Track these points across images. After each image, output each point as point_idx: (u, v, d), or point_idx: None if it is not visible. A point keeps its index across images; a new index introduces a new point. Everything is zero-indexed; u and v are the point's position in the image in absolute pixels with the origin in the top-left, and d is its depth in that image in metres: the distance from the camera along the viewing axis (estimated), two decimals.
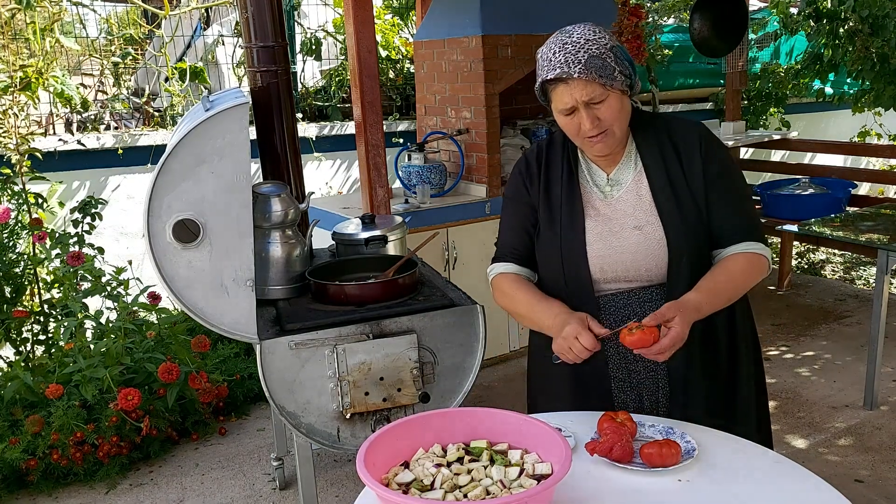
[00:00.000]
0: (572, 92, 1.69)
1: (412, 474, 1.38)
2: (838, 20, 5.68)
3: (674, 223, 1.76)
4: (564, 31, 1.76)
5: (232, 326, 2.26)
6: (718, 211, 1.78)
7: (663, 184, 1.78)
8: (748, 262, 1.76)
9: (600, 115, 1.70)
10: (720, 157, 1.81)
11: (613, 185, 1.83)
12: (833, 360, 4.34)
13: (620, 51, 1.73)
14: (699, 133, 1.82)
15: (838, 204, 5.47)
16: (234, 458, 3.57)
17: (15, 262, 3.92)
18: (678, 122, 1.85)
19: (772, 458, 1.55)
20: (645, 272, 1.78)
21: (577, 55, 1.67)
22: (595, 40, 1.70)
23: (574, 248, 1.81)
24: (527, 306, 1.86)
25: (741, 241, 1.78)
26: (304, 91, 6.37)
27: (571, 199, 1.84)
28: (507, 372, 4.34)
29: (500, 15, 4.16)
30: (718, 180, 1.79)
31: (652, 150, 1.81)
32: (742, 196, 1.83)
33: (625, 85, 1.71)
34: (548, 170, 1.90)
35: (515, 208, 1.94)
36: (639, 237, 1.77)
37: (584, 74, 1.66)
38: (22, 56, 4.66)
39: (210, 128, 2.15)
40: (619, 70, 1.69)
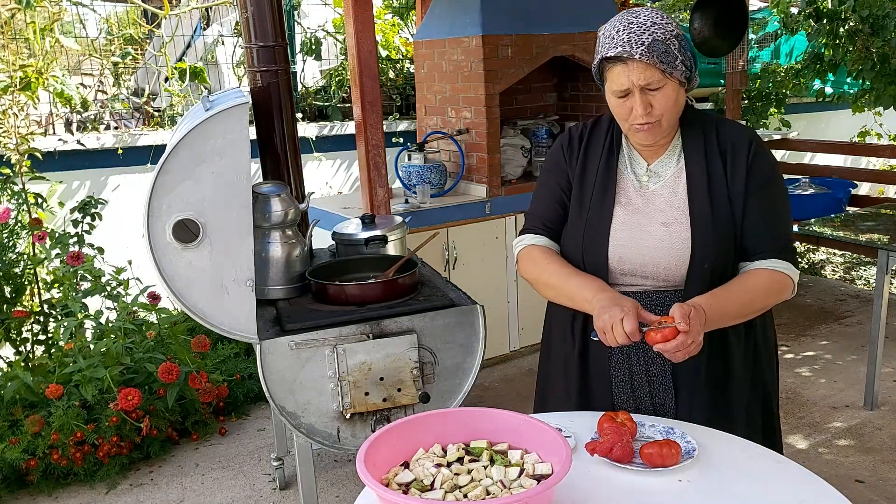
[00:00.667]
0: (630, 73, 1.63)
1: (412, 474, 1.38)
2: (838, 20, 5.68)
3: (703, 226, 1.71)
4: (631, 12, 1.69)
5: (232, 326, 2.26)
6: (753, 223, 1.72)
7: (701, 184, 1.73)
8: (771, 281, 1.71)
9: (654, 103, 1.66)
10: (767, 168, 1.75)
11: (651, 176, 1.79)
12: (833, 361, 4.34)
13: (685, 40, 1.68)
14: (750, 138, 1.76)
15: (838, 204, 5.47)
16: (235, 459, 3.57)
17: (15, 262, 3.91)
18: (730, 125, 1.80)
19: (772, 458, 1.55)
20: (663, 270, 1.74)
21: (642, 36, 1.62)
22: (661, 24, 1.64)
23: (598, 232, 1.78)
24: (561, 277, 1.79)
25: (769, 257, 1.72)
26: (304, 91, 6.37)
27: (605, 183, 1.80)
28: (507, 372, 4.34)
29: (500, 15, 4.16)
30: (760, 191, 1.73)
31: (697, 149, 1.76)
32: (780, 212, 1.76)
33: (684, 76, 1.66)
34: (588, 148, 1.86)
35: (551, 181, 1.90)
36: (664, 234, 1.73)
37: (646, 57, 1.60)
38: (22, 56, 4.66)
39: (210, 128, 2.14)
40: (681, 59, 1.65)
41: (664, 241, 1.73)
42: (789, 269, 1.72)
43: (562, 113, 5.07)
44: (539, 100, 5.01)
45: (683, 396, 1.78)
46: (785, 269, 1.71)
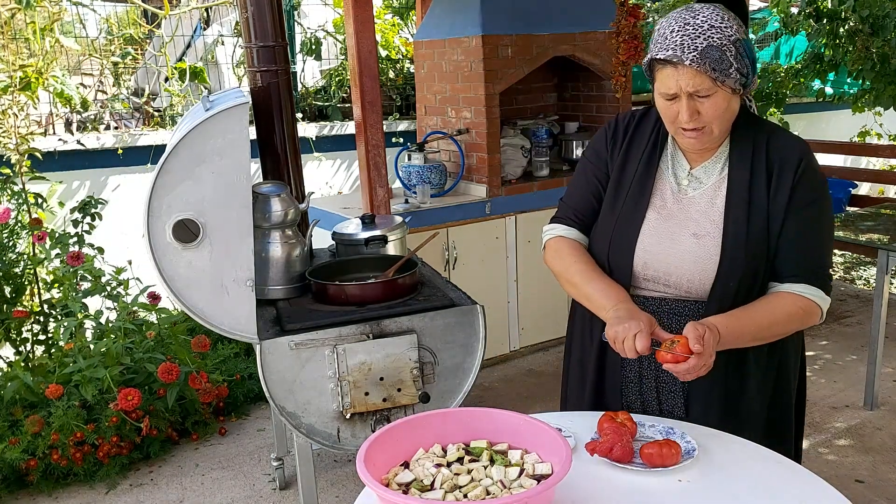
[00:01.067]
0: (679, 78, 1.56)
1: (412, 474, 1.38)
2: (838, 20, 5.68)
3: (735, 243, 1.64)
4: (690, 9, 1.59)
5: (232, 326, 2.26)
6: (788, 243, 1.65)
7: (741, 199, 1.65)
8: (796, 307, 1.63)
9: (701, 110, 1.58)
10: (814, 188, 1.65)
11: (692, 181, 1.72)
12: (833, 361, 4.34)
13: (745, 45, 1.58)
14: (801, 153, 1.66)
15: (838, 204, 5.47)
16: (235, 459, 3.57)
17: (15, 262, 3.91)
18: (782, 136, 1.70)
19: (772, 458, 1.55)
20: (686, 282, 1.69)
21: (696, 41, 1.54)
22: (719, 28, 1.55)
23: (626, 234, 1.73)
24: (583, 278, 1.75)
25: (800, 281, 1.64)
26: (304, 91, 6.37)
27: (644, 182, 1.74)
28: (507, 372, 4.34)
29: (500, 15, 4.16)
30: (801, 211, 1.64)
31: (743, 159, 1.67)
32: (820, 236, 1.68)
33: (738, 83, 1.58)
34: (632, 141, 1.79)
35: (589, 171, 1.84)
36: (693, 246, 1.67)
37: (697, 64, 1.53)
38: (22, 56, 4.66)
39: (210, 128, 2.14)
40: (735, 67, 1.56)
41: (692, 253, 1.67)
42: (819, 297, 1.64)
43: (562, 113, 5.07)
44: (539, 100, 5.01)
45: (696, 409, 1.74)
46: (814, 296, 1.64)
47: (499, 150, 4.31)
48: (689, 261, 1.68)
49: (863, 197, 6.01)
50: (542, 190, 4.39)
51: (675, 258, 1.69)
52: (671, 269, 1.70)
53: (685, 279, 1.69)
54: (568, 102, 5.06)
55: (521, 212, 4.32)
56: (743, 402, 1.74)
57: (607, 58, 4.43)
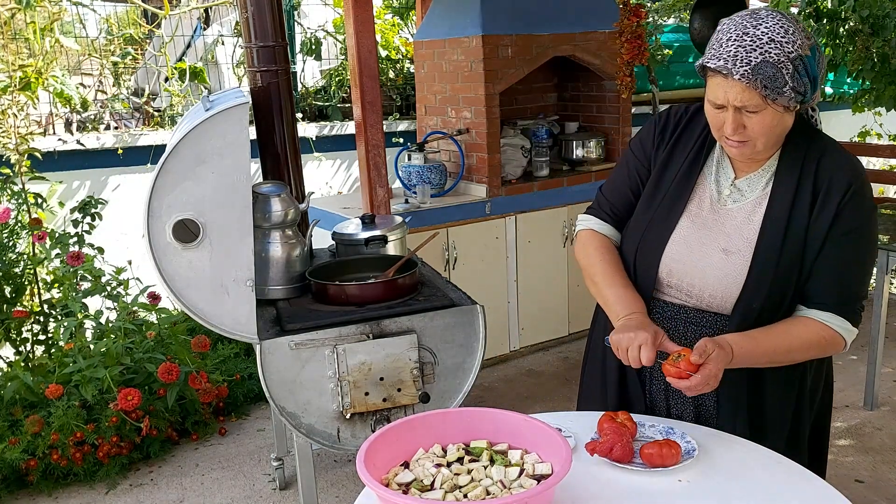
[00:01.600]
0: (727, 91, 1.49)
1: (412, 474, 1.38)
2: (838, 20, 5.68)
3: (764, 267, 1.58)
4: (755, 16, 1.50)
5: (232, 326, 2.26)
6: (823, 269, 1.58)
7: (780, 220, 1.59)
8: (818, 337, 1.59)
9: (748, 125, 1.52)
10: (859, 216, 1.58)
11: (733, 192, 1.66)
12: (833, 361, 4.33)
13: (806, 62, 1.48)
14: (851, 178, 1.57)
15: None
16: (234, 459, 3.57)
17: (15, 262, 3.91)
18: (836, 156, 1.60)
19: (772, 458, 1.55)
20: (708, 296, 1.65)
21: (751, 54, 1.46)
22: (780, 43, 1.46)
23: (657, 237, 1.69)
24: (604, 279, 1.72)
25: (828, 310, 1.59)
26: (304, 91, 6.37)
27: (683, 186, 1.69)
28: (507, 372, 4.34)
29: (500, 15, 4.16)
30: (843, 238, 1.57)
31: (790, 176, 1.60)
32: (858, 265, 1.61)
33: (792, 102, 1.49)
34: (679, 140, 1.73)
35: (631, 165, 1.79)
36: (721, 261, 1.62)
37: (747, 80, 1.46)
38: (22, 56, 4.66)
39: (210, 128, 2.14)
40: (791, 86, 1.47)
41: (718, 269, 1.63)
42: (844, 328, 1.59)
43: (562, 113, 5.07)
44: (539, 100, 5.01)
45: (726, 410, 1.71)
46: (838, 327, 1.59)
47: (499, 150, 4.31)
48: (714, 276, 1.64)
49: None
50: (542, 190, 4.40)
51: (701, 271, 1.65)
52: (695, 281, 1.66)
53: (707, 293, 1.66)
54: (568, 102, 5.06)
55: (521, 212, 4.32)
56: (767, 412, 1.71)
57: (607, 58, 4.43)
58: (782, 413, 1.72)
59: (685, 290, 1.69)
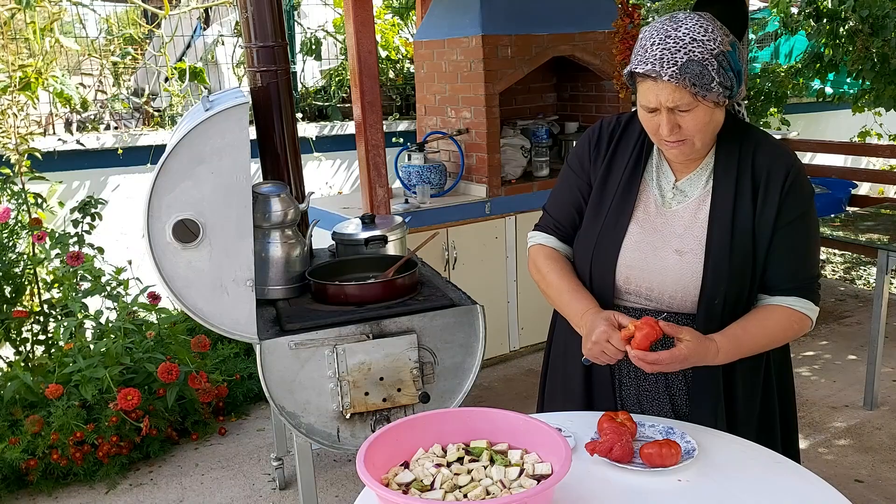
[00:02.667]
0: (658, 93, 1.53)
1: (412, 474, 1.38)
2: (838, 20, 5.69)
3: (718, 261, 1.62)
4: (674, 19, 1.55)
5: (232, 326, 2.26)
6: (777, 258, 1.64)
7: (725, 214, 1.63)
8: (789, 321, 1.64)
9: (682, 124, 1.56)
10: (801, 202, 1.63)
11: (677, 193, 1.69)
12: (833, 360, 4.34)
13: (728, 57, 1.53)
14: (788, 166, 1.62)
15: (838, 204, 5.47)
16: (234, 458, 3.57)
17: (15, 262, 3.91)
18: (770, 148, 1.65)
19: (772, 458, 1.55)
20: (668, 298, 1.68)
21: (676, 55, 1.50)
22: (702, 42, 1.51)
23: (608, 247, 1.71)
24: (556, 291, 1.77)
25: (790, 294, 1.64)
26: (304, 91, 6.37)
27: (627, 194, 1.71)
28: (507, 372, 4.34)
29: (500, 15, 4.16)
30: (790, 226, 1.63)
31: (729, 172, 1.64)
32: (808, 248, 1.66)
33: (721, 97, 1.54)
34: (616, 150, 1.75)
35: (571, 179, 1.82)
36: (676, 263, 1.65)
37: (676, 79, 1.49)
38: (22, 56, 4.66)
39: (210, 128, 2.15)
40: (718, 81, 1.51)
41: (674, 270, 1.66)
42: (809, 308, 1.65)
43: (561, 113, 5.07)
44: (539, 100, 5.01)
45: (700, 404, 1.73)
46: (804, 309, 1.64)
47: (499, 150, 4.31)
48: (671, 278, 1.66)
49: (863, 197, 6.02)
50: (542, 190, 4.39)
51: (658, 274, 1.67)
52: (653, 285, 1.69)
53: (667, 294, 1.68)
54: (567, 102, 5.06)
55: (520, 212, 4.32)
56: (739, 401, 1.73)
57: (607, 58, 4.43)
58: (753, 401, 1.75)
59: (644, 295, 1.71)
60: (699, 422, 1.70)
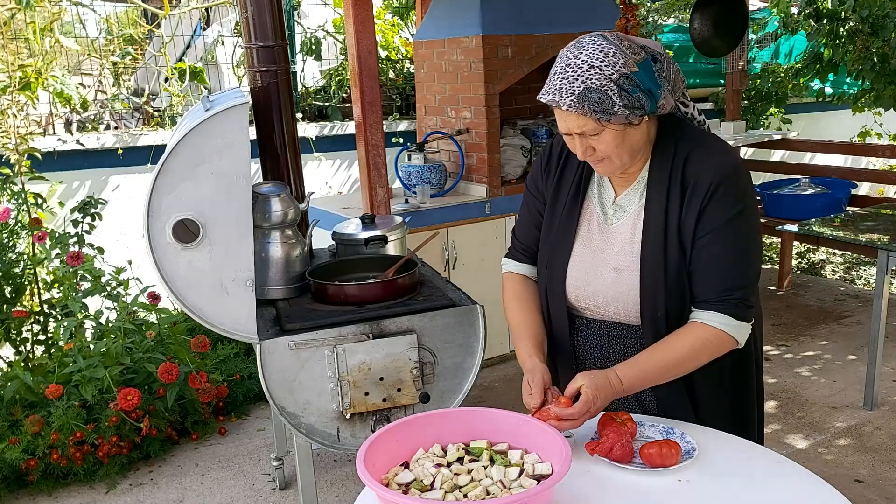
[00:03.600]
0: (565, 121, 1.56)
1: (412, 474, 1.38)
2: (838, 20, 5.68)
3: (652, 276, 1.62)
4: (577, 45, 1.55)
5: (232, 326, 2.26)
6: (698, 269, 1.61)
7: (658, 228, 1.62)
8: (702, 340, 1.59)
9: (596, 146, 1.57)
10: (725, 210, 1.57)
11: (616, 210, 1.71)
12: (833, 360, 4.34)
13: (634, 79, 1.51)
14: (713, 176, 1.58)
15: (838, 204, 5.47)
16: (234, 458, 3.57)
17: (15, 262, 3.91)
18: (701, 157, 1.61)
19: (772, 458, 1.55)
20: (613, 313, 1.71)
21: (573, 84, 1.50)
22: (600, 68, 1.49)
23: (557, 268, 1.75)
24: (514, 329, 1.81)
25: (710, 308, 1.59)
26: (304, 91, 6.37)
27: (572, 214, 1.74)
28: (507, 372, 4.34)
29: (500, 15, 4.16)
30: (712, 234, 1.58)
31: (661, 184, 1.63)
32: (733, 257, 1.59)
33: (629, 118, 1.52)
34: (564, 168, 1.78)
35: (530, 200, 1.86)
36: (615, 280, 1.68)
37: (575, 108, 1.50)
38: (21, 56, 4.66)
39: (210, 128, 2.15)
40: (621, 104, 1.50)
41: (615, 288, 1.68)
42: (728, 324, 1.58)
43: None
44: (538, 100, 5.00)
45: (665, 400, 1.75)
46: (721, 325, 1.58)
47: (499, 150, 4.31)
48: (611, 295, 1.69)
49: (863, 197, 6.01)
50: None
51: (600, 292, 1.70)
52: (598, 302, 1.72)
53: (611, 310, 1.71)
54: None
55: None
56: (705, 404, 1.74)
57: None
58: (718, 391, 1.75)
59: (594, 311, 1.74)
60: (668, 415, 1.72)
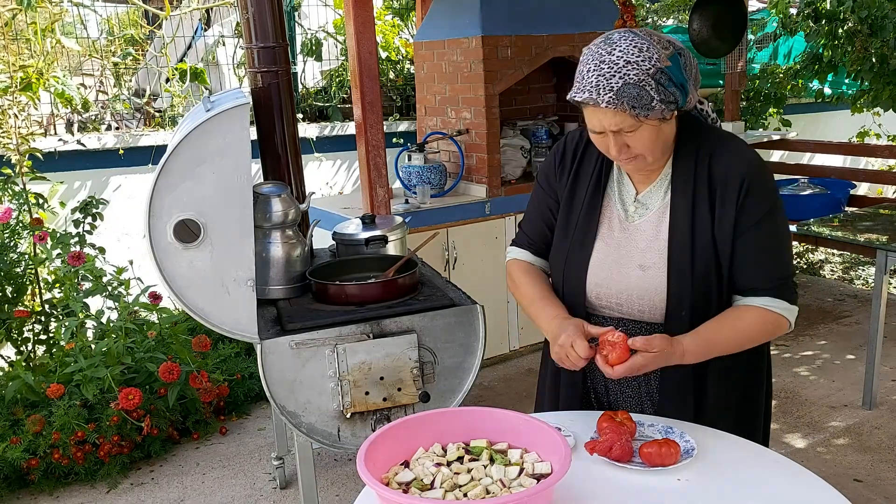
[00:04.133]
0: (601, 119, 1.54)
1: (412, 473, 1.39)
2: (837, 21, 5.69)
3: (680, 274, 1.62)
4: (608, 41, 1.54)
5: (233, 326, 2.27)
6: (747, 261, 1.62)
7: (684, 227, 1.62)
8: (763, 322, 1.62)
9: (630, 143, 1.56)
10: (761, 203, 1.60)
11: (638, 207, 1.70)
12: (832, 360, 4.35)
13: (668, 73, 1.52)
14: (743, 174, 1.60)
15: (837, 204, 5.48)
16: (235, 458, 3.57)
17: (16, 262, 3.92)
18: (725, 152, 1.63)
19: (771, 457, 1.56)
20: (637, 312, 1.70)
21: (611, 80, 1.49)
22: (636, 63, 1.49)
23: (577, 266, 1.73)
24: (528, 300, 1.80)
25: (764, 295, 1.62)
26: (305, 91, 6.37)
27: (592, 211, 1.73)
28: (507, 372, 4.34)
29: (499, 15, 4.17)
30: (752, 230, 1.61)
31: (686, 183, 1.63)
32: (776, 248, 1.63)
33: (665, 112, 1.53)
34: (580, 165, 1.76)
35: (541, 197, 1.85)
36: (640, 278, 1.67)
37: (614, 104, 1.49)
38: (23, 56, 4.67)
39: (211, 128, 2.15)
40: (658, 99, 1.50)
41: (640, 286, 1.67)
42: (785, 308, 1.62)
43: (561, 113, 5.08)
44: (538, 100, 5.01)
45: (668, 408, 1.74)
46: (779, 309, 1.62)
47: (498, 150, 4.32)
48: (636, 293, 1.68)
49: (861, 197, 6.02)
50: None
51: (624, 290, 1.69)
52: (622, 300, 1.71)
53: (636, 308, 1.70)
54: (567, 103, 5.04)
55: (520, 212, 4.31)
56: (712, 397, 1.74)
57: None
58: (728, 394, 1.75)
59: (615, 308, 1.73)
60: (667, 413, 1.72)
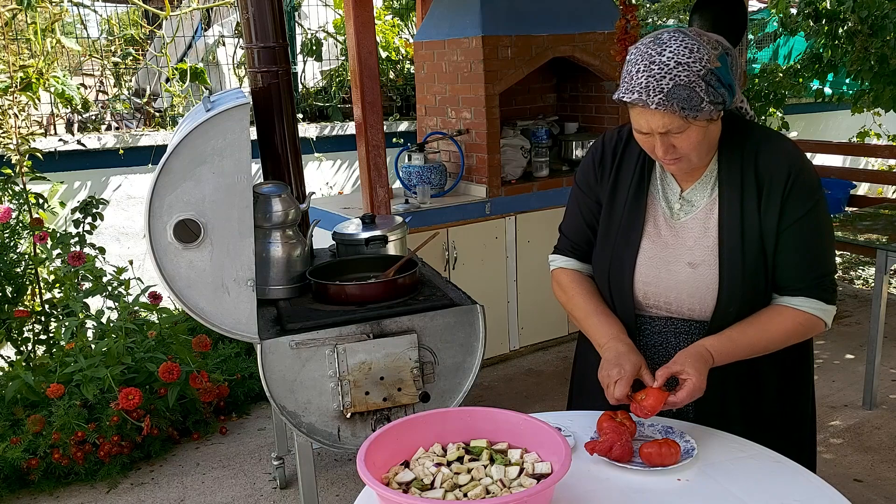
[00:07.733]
0: (649, 120, 1.52)
1: (412, 473, 1.39)
2: (837, 20, 5.69)
3: (732, 269, 1.61)
4: (658, 42, 1.51)
5: (233, 326, 2.27)
6: (784, 258, 1.61)
7: (734, 221, 1.61)
8: (794, 323, 1.62)
9: (677, 144, 1.54)
10: (806, 199, 1.60)
11: (684, 204, 1.68)
12: (832, 360, 4.35)
13: (717, 74, 1.50)
14: (790, 167, 1.59)
15: (837, 204, 5.48)
16: (235, 458, 3.58)
17: (16, 262, 3.92)
18: (770, 148, 1.63)
19: (771, 457, 1.56)
20: (687, 310, 1.68)
21: (661, 82, 1.47)
22: (687, 65, 1.48)
23: (623, 266, 1.71)
24: (583, 313, 1.77)
25: (800, 295, 1.62)
26: (305, 91, 6.38)
27: (635, 210, 1.71)
28: (507, 372, 4.34)
29: (500, 15, 4.17)
30: (795, 225, 1.60)
31: (733, 177, 1.63)
32: (818, 246, 1.63)
33: (713, 113, 1.52)
34: (621, 166, 1.74)
35: (581, 199, 1.82)
36: (690, 276, 1.65)
37: (664, 107, 1.48)
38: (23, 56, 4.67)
39: (211, 128, 2.15)
40: (708, 100, 1.49)
41: (690, 283, 1.65)
42: (819, 308, 1.62)
43: (561, 113, 5.08)
44: (538, 100, 5.02)
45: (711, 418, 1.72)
46: (814, 310, 1.61)
47: (499, 150, 4.32)
48: (686, 291, 1.66)
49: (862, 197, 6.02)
50: (541, 190, 4.40)
51: (674, 288, 1.68)
52: (671, 298, 1.69)
53: (685, 306, 1.68)
54: (567, 103, 5.07)
55: (520, 212, 4.33)
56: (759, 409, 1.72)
57: (606, 58, 4.44)
58: (782, 407, 1.74)
59: (664, 308, 1.71)
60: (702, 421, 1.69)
